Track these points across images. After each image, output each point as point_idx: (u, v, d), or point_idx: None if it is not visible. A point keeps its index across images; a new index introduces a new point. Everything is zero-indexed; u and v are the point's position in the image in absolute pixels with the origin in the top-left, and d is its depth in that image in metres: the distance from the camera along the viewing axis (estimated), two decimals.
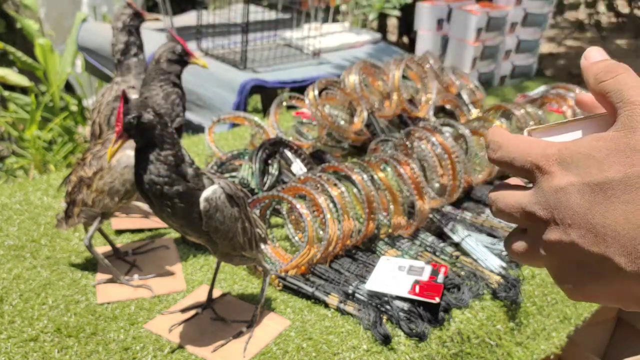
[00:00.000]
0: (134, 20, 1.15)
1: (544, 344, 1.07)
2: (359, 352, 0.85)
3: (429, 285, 0.92)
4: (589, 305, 1.20)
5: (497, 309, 0.99)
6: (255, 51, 2.11)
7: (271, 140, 1.24)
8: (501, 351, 0.99)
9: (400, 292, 0.91)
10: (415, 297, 0.90)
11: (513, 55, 2.18)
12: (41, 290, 0.94)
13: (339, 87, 1.46)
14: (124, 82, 1.14)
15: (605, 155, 0.29)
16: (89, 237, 0.93)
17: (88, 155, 0.94)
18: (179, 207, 0.75)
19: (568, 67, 3.90)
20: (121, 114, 0.71)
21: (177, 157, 0.75)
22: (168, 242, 1.09)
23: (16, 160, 2.22)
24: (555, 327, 1.11)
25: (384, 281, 0.93)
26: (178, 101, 1.04)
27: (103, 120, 1.12)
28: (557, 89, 1.65)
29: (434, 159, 1.19)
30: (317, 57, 2.16)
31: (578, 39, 4.42)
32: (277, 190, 1.05)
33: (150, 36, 1.89)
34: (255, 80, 1.90)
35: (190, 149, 1.48)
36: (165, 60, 1.02)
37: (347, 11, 2.78)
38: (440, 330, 0.91)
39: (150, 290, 0.95)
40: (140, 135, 0.73)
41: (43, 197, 1.21)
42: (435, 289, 0.92)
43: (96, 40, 2.27)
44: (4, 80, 2.39)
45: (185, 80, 1.08)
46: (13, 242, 1.06)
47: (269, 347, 0.84)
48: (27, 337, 0.84)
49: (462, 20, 2.00)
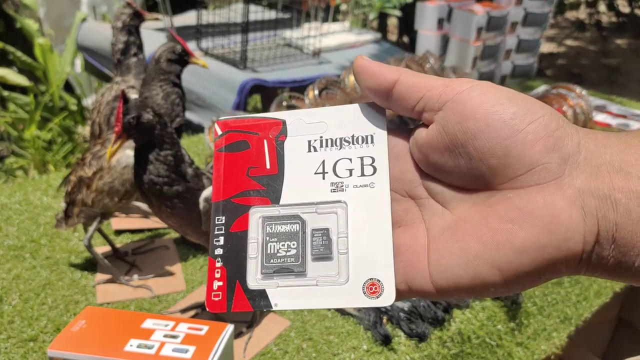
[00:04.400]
0: (133, 19, 1.14)
1: (544, 344, 1.06)
2: (359, 352, 0.84)
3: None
4: (590, 305, 1.20)
5: (497, 309, 0.99)
6: (255, 51, 2.11)
7: None
8: (502, 351, 0.99)
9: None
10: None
11: (513, 54, 2.18)
12: (41, 290, 0.93)
13: (339, 86, 1.45)
14: (124, 82, 1.14)
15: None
16: (88, 237, 0.93)
17: (88, 155, 0.94)
18: (179, 207, 0.75)
19: (568, 67, 3.90)
20: (120, 114, 0.71)
21: (177, 157, 0.75)
22: (168, 242, 1.09)
23: (16, 160, 2.22)
24: (555, 327, 1.11)
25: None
26: (178, 101, 1.04)
27: (103, 120, 1.12)
28: (558, 88, 1.65)
29: None
30: (317, 56, 2.16)
31: (578, 39, 4.41)
32: None
33: (150, 36, 1.89)
34: (255, 79, 1.90)
35: (190, 149, 1.48)
36: (165, 60, 1.01)
37: (348, 11, 2.78)
38: (441, 330, 0.91)
39: (150, 291, 0.95)
40: (139, 135, 0.72)
41: (43, 197, 1.21)
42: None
43: (96, 40, 2.27)
44: (4, 80, 2.39)
45: (185, 80, 1.08)
46: (12, 242, 1.05)
47: (269, 347, 0.84)
48: (27, 337, 0.84)
49: (462, 19, 2.00)
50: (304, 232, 0.29)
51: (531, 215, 0.25)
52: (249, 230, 0.29)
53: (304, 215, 0.29)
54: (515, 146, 0.26)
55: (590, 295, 1.20)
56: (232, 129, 0.31)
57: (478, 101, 0.27)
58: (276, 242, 0.29)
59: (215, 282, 0.29)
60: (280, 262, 0.28)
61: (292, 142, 0.30)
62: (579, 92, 1.60)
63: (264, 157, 0.30)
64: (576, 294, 1.17)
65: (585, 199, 0.25)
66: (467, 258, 0.26)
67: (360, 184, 0.29)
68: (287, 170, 0.30)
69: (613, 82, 3.71)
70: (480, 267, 0.26)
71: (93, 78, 2.61)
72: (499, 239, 0.26)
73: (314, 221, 0.29)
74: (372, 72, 0.29)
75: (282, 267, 0.28)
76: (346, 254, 0.28)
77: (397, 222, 0.29)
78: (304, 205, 0.29)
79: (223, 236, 0.29)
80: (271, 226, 0.29)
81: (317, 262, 0.28)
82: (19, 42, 2.69)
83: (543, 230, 0.25)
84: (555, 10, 3.40)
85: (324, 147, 0.30)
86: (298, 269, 0.28)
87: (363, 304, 0.27)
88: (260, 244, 0.29)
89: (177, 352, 0.68)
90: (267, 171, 0.30)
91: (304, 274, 0.28)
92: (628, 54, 4.19)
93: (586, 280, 1.20)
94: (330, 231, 0.28)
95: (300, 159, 0.30)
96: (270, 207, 0.29)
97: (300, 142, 0.30)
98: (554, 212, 0.25)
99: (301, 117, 0.31)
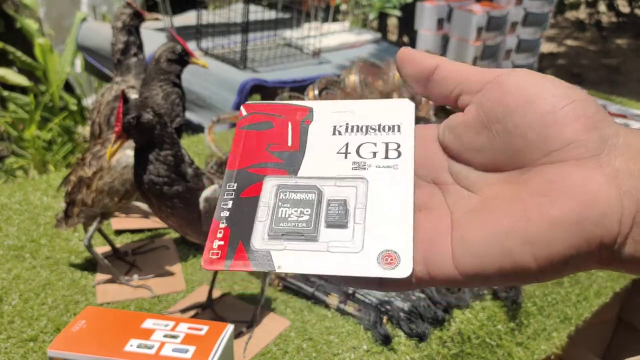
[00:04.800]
0: (133, 19, 1.14)
1: (544, 344, 1.06)
2: (359, 352, 0.84)
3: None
4: (590, 305, 1.20)
5: (497, 309, 0.99)
6: (255, 51, 2.11)
7: None
8: (502, 351, 0.99)
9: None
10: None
11: (513, 54, 2.18)
12: (41, 290, 0.93)
13: (339, 86, 1.45)
14: (124, 82, 1.14)
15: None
16: (88, 237, 0.93)
17: (87, 155, 0.94)
18: (179, 207, 0.75)
19: (568, 67, 3.90)
20: (120, 114, 0.71)
21: (177, 157, 0.75)
22: (168, 242, 1.09)
23: (16, 160, 2.22)
24: (555, 327, 1.11)
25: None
26: (178, 101, 1.04)
27: (103, 120, 1.12)
28: None
29: None
30: (317, 56, 2.16)
31: (578, 39, 4.41)
32: None
33: (150, 36, 1.88)
34: (255, 79, 1.90)
35: (190, 149, 1.48)
36: (165, 60, 1.01)
37: (348, 11, 2.78)
38: (441, 330, 0.91)
39: (150, 291, 0.95)
40: (139, 135, 0.72)
41: (42, 197, 1.21)
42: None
43: (96, 40, 2.27)
44: (4, 80, 2.39)
45: (185, 80, 1.08)
46: (12, 242, 1.05)
47: (269, 347, 0.84)
48: (27, 337, 0.84)
49: (462, 19, 2.00)
50: (320, 201, 0.27)
51: (568, 188, 0.24)
52: (261, 195, 0.28)
53: (321, 187, 0.28)
54: (555, 121, 0.25)
55: (590, 295, 1.21)
56: (258, 111, 0.31)
57: (517, 81, 0.27)
58: (289, 207, 0.27)
59: (216, 241, 0.27)
60: (290, 226, 0.27)
61: (317, 125, 0.30)
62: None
63: (287, 135, 0.30)
64: (576, 294, 1.17)
65: (624, 179, 0.24)
66: (494, 234, 0.25)
67: (383, 165, 0.28)
68: (309, 148, 0.29)
69: (613, 82, 3.71)
70: (510, 243, 0.24)
71: (93, 78, 2.61)
72: (531, 212, 0.24)
73: (332, 193, 0.28)
74: (413, 59, 0.30)
75: (292, 231, 0.27)
76: (363, 224, 0.26)
77: (420, 206, 0.28)
78: (323, 178, 0.28)
79: (232, 200, 0.28)
80: (285, 193, 0.28)
81: (331, 229, 0.27)
82: (19, 42, 2.69)
83: (580, 204, 0.24)
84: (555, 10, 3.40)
85: (349, 132, 0.29)
86: (309, 234, 0.27)
87: (377, 273, 0.25)
88: (271, 208, 0.27)
89: (177, 352, 0.68)
90: (288, 148, 0.29)
91: (315, 239, 0.26)
92: (628, 54, 4.19)
93: (586, 280, 1.20)
94: (348, 202, 0.27)
95: (324, 139, 0.29)
96: (286, 177, 0.28)
97: (326, 126, 0.30)
98: (592, 187, 0.24)
99: (329, 106, 0.31)
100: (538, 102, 0.26)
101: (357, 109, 0.30)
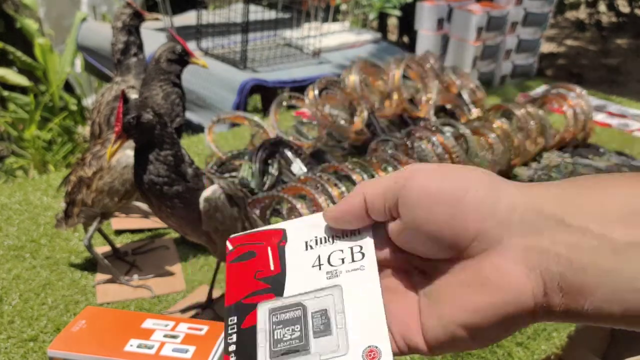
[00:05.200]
0: (133, 19, 1.14)
1: (544, 344, 1.06)
2: None
3: None
4: None
5: None
6: (255, 51, 2.11)
7: (271, 140, 1.23)
8: (502, 351, 0.99)
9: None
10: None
11: (513, 54, 2.18)
12: (41, 290, 0.93)
13: (339, 86, 1.45)
14: (124, 82, 1.14)
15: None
16: (88, 237, 0.93)
17: (87, 155, 0.94)
18: (179, 207, 0.75)
19: (568, 67, 3.90)
20: (120, 114, 0.71)
21: (177, 157, 0.75)
22: (168, 242, 1.09)
23: (16, 160, 2.22)
24: (555, 327, 1.11)
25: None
26: (178, 101, 1.04)
27: (103, 120, 1.12)
28: (558, 88, 1.65)
29: (435, 159, 1.19)
30: (317, 56, 2.16)
31: (578, 39, 4.41)
32: (277, 190, 1.04)
33: (150, 36, 1.88)
34: (255, 79, 1.90)
35: (190, 149, 1.48)
36: (165, 60, 1.01)
37: (348, 11, 2.78)
38: None
39: (150, 291, 0.95)
40: (139, 135, 0.72)
41: (43, 197, 1.21)
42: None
43: (96, 40, 2.27)
44: (4, 80, 2.39)
45: (185, 80, 1.08)
46: (13, 242, 1.05)
47: None
48: (27, 337, 0.84)
49: (462, 19, 2.00)
50: (305, 315, 0.32)
51: (483, 279, 0.29)
52: (257, 322, 0.33)
53: (304, 302, 0.33)
54: (458, 224, 0.29)
55: None
56: (241, 243, 0.36)
57: (420, 192, 0.30)
58: (282, 328, 0.32)
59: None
60: (286, 346, 0.32)
61: (291, 245, 0.35)
62: (579, 92, 1.60)
63: (269, 261, 0.35)
64: None
65: (527, 256, 0.28)
66: (442, 321, 0.30)
67: (351, 269, 0.33)
68: (289, 268, 0.34)
69: (613, 82, 3.71)
70: (453, 328, 0.30)
71: (93, 78, 2.61)
72: (461, 302, 0.29)
73: (314, 305, 0.33)
74: (343, 214, 0.33)
75: (289, 349, 0.32)
76: (344, 328, 0.31)
77: (391, 290, 0.33)
78: (304, 294, 0.33)
79: (236, 334, 0.33)
80: (276, 316, 0.33)
81: (319, 339, 0.32)
82: (19, 42, 2.69)
83: (493, 292, 0.28)
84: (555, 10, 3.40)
85: (319, 245, 0.34)
86: (303, 348, 0.32)
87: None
88: (268, 332, 0.32)
89: (177, 352, 0.68)
90: (272, 272, 0.34)
91: (308, 351, 0.31)
92: (628, 54, 4.19)
93: None
94: (328, 311, 0.32)
95: (299, 257, 0.34)
96: (274, 300, 0.33)
97: (299, 243, 0.35)
98: (501, 274, 0.28)
99: (299, 224, 0.36)
100: (441, 202, 0.30)
101: (322, 221, 0.35)
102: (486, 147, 1.33)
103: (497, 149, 1.30)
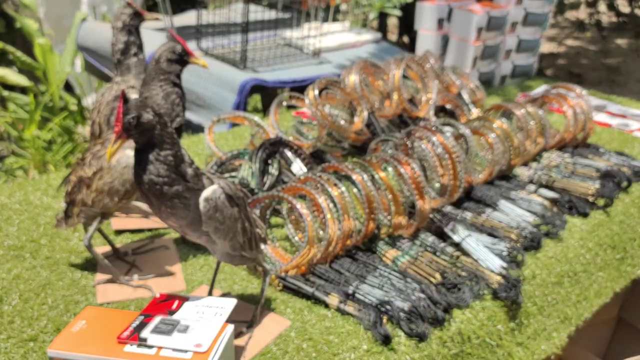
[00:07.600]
0: (133, 19, 1.14)
1: (544, 344, 1.07)
2: (359, 352, 0.84)
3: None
4: (590, 305, 1.20)
5: (497, 309, 0.99)
6: (255, 51, 2.11)
7: (271, 140, 1.23)
8: (502, 351, 0.99)
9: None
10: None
11: (513, 54, 2.18)
12: (41, 290, 0.93)
13: (339, 86, 1.45)
14: (124, 82, 1.14)
15: None
16: (88, 237, 0.93)
17: (87, 155, 0.94)
18: (179, 207, 0.75)
19: (568, 67, 3.90)
20: (120, 114, 0.71)
21: (177, 157, 0.75)
22: (168, 242, 1.09)
23: (16, 160, 2.22)
24: (555, 327, 1.11)
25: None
26: (178, 101, 1.04)
27: (103, 120, 1.12)
28: (558, 88, 1.65)
29: (435, 159, 1.19)
30: (317, 56, 2.16)
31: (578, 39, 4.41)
32: (277, 190, 1.05)
33: (150, 36, 1.89)
34: (255, 79, 1.90)
35: (190, 149, 1.48)
36: (165, 60, 1.01)
37: (348, 10, 2.78)
38: (441, 330, 0.91)
39: (150, 290, 0.95)
40: (139, 135, 0.72)
41: (43, 197, 1.21)
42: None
43: (96, 40, 2.27)
44: (4, 80, 2.39)
45: (185, 80, 1.08)
46: (12, 242, 1.06)
47: (269, 348, 0.84)
48: (27, 337, 0.84)
49: (462, 19, 2.00)
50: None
51: None
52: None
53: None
54: None
55: (590, 295, 1.21)
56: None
57: None
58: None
59: None
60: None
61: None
62: (579, 92, 1.60)
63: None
64: (576, 294, 1.17)
65: None
66: None
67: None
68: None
69: (613, 82, 3.71)
70: None
71: (93, 78, 2.61)
72: None
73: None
74: None
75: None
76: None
77: None
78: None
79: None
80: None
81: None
82: (19, 42, 2.69)
83: None
84: (555, 10, 3.39)
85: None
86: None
87: None
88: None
89: (177, 352, 0.68)
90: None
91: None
92: (628, 54, 4.19)
93: (586, 280, 1.20)
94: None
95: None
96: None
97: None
98: None
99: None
100: None
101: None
102: (486, 147, 1.33)
103: (497, 149, 1.30)
